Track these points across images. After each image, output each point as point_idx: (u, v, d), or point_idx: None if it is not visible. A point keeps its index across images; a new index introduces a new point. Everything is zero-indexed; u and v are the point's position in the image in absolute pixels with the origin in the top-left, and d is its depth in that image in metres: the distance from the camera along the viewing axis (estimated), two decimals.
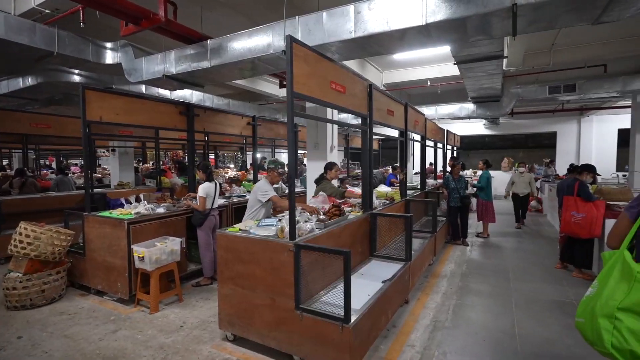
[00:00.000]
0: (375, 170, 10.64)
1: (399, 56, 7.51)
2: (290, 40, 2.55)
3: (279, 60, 4.13)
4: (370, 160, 4.02)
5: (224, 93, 10.27)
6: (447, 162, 8.13)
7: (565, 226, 4.76)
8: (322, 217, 3.25)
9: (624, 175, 10.19)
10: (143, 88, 6.61)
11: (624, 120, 10.92)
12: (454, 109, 9.24)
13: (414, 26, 3.08)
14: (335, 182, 5.14)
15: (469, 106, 9.00)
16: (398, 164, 8.47)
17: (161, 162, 12.43)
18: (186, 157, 10.63)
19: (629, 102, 9.42)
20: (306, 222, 3.04)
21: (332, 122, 3.88)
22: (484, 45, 4.56)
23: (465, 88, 7.48)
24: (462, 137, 14.24)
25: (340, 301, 2.49)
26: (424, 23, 3.02)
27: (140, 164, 11.98)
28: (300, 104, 10.89)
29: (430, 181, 7.96)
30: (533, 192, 8.01)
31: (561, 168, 11.93)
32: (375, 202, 4.55)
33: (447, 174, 7.05)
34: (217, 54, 4.24)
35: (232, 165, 14.49)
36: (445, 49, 5.96)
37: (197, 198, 4.28)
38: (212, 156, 14.24)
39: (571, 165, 6.25)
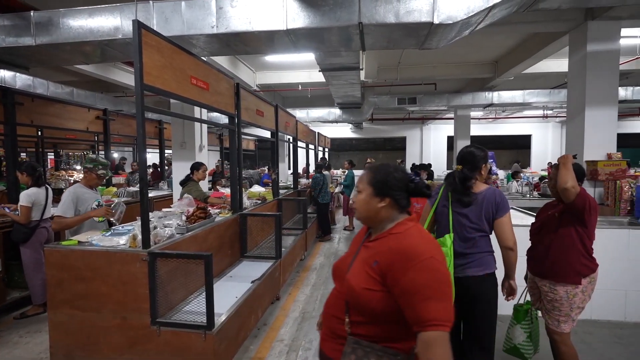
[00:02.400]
0: (251, 171, 10.59)
1: (271, 58, 7.64)
2: (138, 25, 2.28)
3: (132, 47, 3.67)
4: (240, 160, 3.96)
5: (66, 80, 8.52)
6: (318, 162, 8.71)
7: None
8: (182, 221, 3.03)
9: None
10: None
11: (451, 128, 13.77)
12: (323, 112, 9.96)
13: (276, 30, 3.17)
14: (203, 183, 4.88)
15: (336, 111, 9.85)
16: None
17: None
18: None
19: (452, 115, 11.94)
20: (165, 227, 2.79)
21: (193, 119, 3.67)
22: (343, 57, 5.05)
23: (332, 94, 8.15)
24: (333, 140, 15.50)
25: (205, 308, 2.36)
26: (285, 28, 3.14)
27: None
28: (166, 99, 9.93)
29: (303, 180, 8.38)
30: None
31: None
32: (247, 202, 4.52)
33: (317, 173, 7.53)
34: (46, 31, 3.47)
35: (78, 167, 12.16)
36: (313, 56, 6.37)
37: (19, 208, 3.42)
38: (51, 156, 11.68)
39: (413, 164, 7.53)
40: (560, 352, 2.28)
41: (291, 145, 7.23)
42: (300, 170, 10.46)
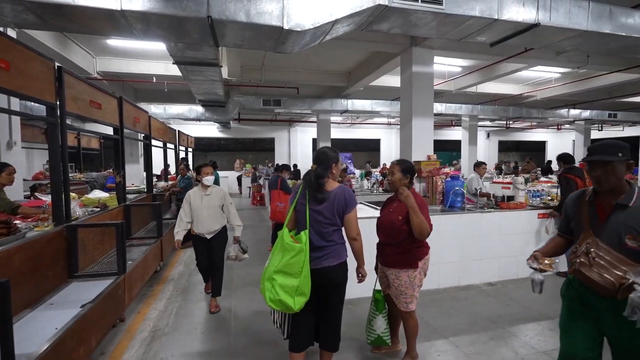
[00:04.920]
0: (95, 174, 8.99)
1: (115, 42, 6.61)
2: None
3: None
4: (65, 159, 3.26)
5: None
6: (179, 163, 8.01)
7: (273, 214, 5.80)
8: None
9: None
10: None
11: (316, 131, 14.75)
12: (184, 109, 9.23)
13: (107, 8, 2.73)
14: (13, 190, 3.83)
15: (198, 108, 9.27)
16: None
17: None
18: None
19: (316, 118, 12.80)
20: None
21: None
22: (199, 51, 4.74)
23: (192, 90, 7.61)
24: (198, 139, 14.57)
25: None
26: (120, 8, 2.73)
27: None
28: None
29: (160, 183, 7.57)
30: (231, 222, 3.79)
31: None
32: (79, 211, 3.77)
33: (179, 175, 6.93)
34: None
35: None
36: None
37: None
38: None
39: (276, 165, 7.73)
40: (409, 326, 2.68)
41: (147, 144, 6.40)
42: (158, 172, 9.43)
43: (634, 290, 1.50)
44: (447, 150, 18.68)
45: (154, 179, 8.11)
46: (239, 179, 15.46)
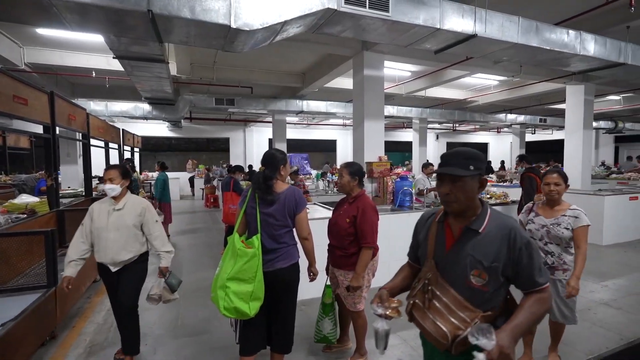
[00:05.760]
0: (24, 176, 8.16)
1: (47, 32, 6.01)
2: None
3: None
4: None
5: None
6: (123, 163, 7.50)
7: (225, 217, 5.64)
8: None
9: None
10: None
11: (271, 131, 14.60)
12: (129, 107, 8.65)
13: None
14: None
15: (145, 106, 8.74)
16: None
17: None
18: None
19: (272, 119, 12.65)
20: None
21: None
22: (143, 46, 4.46)
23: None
24: (147, 139, 13.78)
25: None
26: None
27: None
28: None
29: (103, 186, 7.03)
30: (154, 247, 2.74)
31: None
32: (2, 218, 3.40)
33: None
34: None
35: None
36: None
37: None
38: None
39: (229, 166, 7.53)
40: (358, 325, 2.73)
41: (85, 144, 5.90)
42: (101, 174, 8.76)
43: (474, 356, 1.13)
44: (400, 151, 19.43)
45: (95, 181, 7.53)
46: (191, 180, 14.86)
